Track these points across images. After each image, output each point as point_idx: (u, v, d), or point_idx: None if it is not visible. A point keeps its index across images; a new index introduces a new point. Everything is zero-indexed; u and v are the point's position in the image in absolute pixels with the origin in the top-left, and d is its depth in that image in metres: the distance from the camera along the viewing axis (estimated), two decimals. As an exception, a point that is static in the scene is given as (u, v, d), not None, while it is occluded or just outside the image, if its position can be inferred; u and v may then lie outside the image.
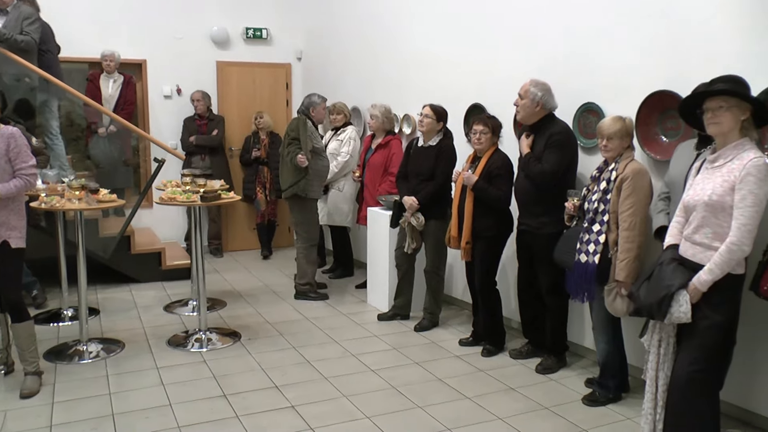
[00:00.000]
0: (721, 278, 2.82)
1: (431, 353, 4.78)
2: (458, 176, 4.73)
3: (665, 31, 3.97)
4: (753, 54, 3.49)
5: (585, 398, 3.99)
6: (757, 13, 3.48)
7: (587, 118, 4.53)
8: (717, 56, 3.64)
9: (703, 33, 3.75)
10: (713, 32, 3.70)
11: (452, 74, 5.84)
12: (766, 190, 2.78)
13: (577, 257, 3.81)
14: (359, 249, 6.99)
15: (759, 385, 3.61)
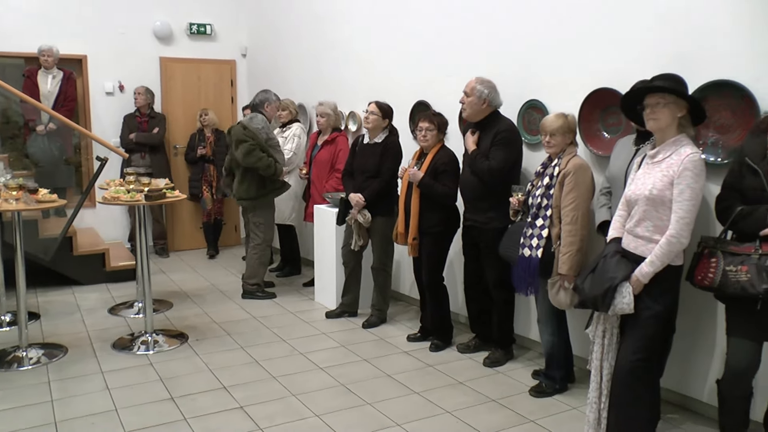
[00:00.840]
0: (662, 270, 2.93)
1: (379, 350, 4.82)
2: (404, 173, 4.77)
3: (606, 30, 4.08)
4: (689, 52, 3.63)
5: (532, 389, 4.08)
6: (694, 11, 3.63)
7: (531, 115, 4.62)
8: (657, 55, 3.77)
9: (644, 31, 3.87)
10: (652, 30, 3.83)
11: (398, 71, 5.88)
12: (702, 184, 2.90)
13: (521, 251, 3.89)
14: (307, 247, 6.98)
15: (695, 372, 3.76)
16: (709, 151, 3.57)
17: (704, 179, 2.93)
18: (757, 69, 3.34)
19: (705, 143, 3.57)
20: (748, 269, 2.85)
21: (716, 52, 3.52)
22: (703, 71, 3.52)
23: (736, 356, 3.02)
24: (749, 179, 2.95)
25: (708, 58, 3.54)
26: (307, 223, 6.56)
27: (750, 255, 2.87)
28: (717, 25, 3.52)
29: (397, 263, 5.73)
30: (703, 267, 3.02)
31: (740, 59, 3.42)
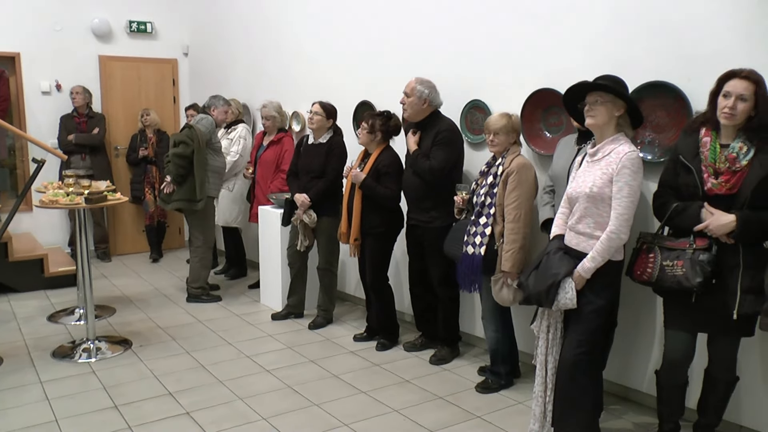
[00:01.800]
0: (603, 265, 3.00)
1: (326, 350, 4.81)
2: (348, 172, 4.78)
3: (548, 31, 4.16)
4: (625, 55, 3.73)
5: (478, 386, 4.12)
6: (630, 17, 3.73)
7: (474, 114, 4.68)
8: (596, 58, 3.87)
9: (584, 34, 3.96)
10: (592, 33, 3.92)
11: (342, 71, 5.87)
12: (639, 181, 2.99)
13: (465, 249, 3.93)
14: (252, 248, 6.91)
15: (636, 363, 3.87)
16: (646, 149, 3.67)
17: (642, 177, 3.02)
18: (689, 70, 3.46)
19: (642, 142, 3.68)
20: (683, 264, 2.94)
21: (650, 55, 3.63)
22: (639, 74, 3.62)
23: (673, 347, 3.13)
24: (683, 176, 3.04)
25: (643, 61, 3.65)
26: (251, 224, 6.50)
27: (685, 250, 2.97)
28: (651, 30, 3.63)
29: (342, 263, 5.73)
30: (641, 262, 3.11)
31: (672, 62, 3.54)
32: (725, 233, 2.88)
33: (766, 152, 2.85)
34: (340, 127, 5.27)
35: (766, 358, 3.20)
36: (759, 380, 3.35)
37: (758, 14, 3.22)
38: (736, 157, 2.89)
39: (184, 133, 5.66)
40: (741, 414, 3.46)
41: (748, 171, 2.88)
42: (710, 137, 2.98)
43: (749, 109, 2.86)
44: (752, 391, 3.38)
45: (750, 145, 2.88)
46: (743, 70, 2.88)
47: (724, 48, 3.32)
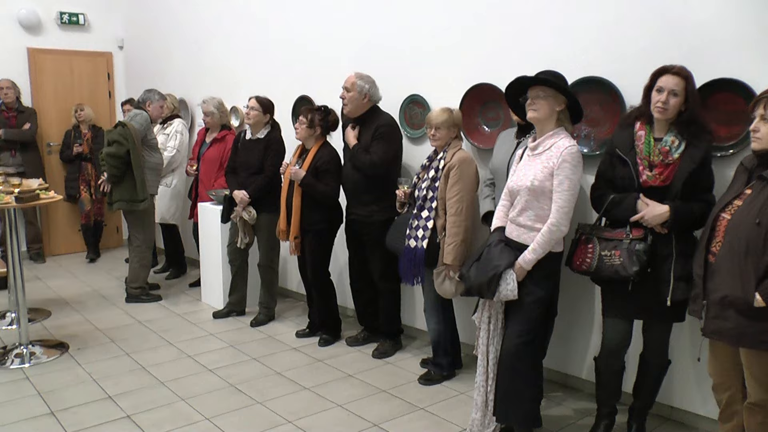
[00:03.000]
0: (543, 256, 3.06)
1: (269, 347, 4.77)
2: (286, 169, 4.73)
3: (484, 27, 4.21)
4: (562, 51, 3.82)
5: (421, 378, 4.16)
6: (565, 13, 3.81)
7: (413, 109, 4.71)
8: (533, 53, 3.94)
9: (519, 29, 4.02)
10: (528, 29, 3.98)
11: (279, 65, 5.82)
12: (579, 175, 3.05)
13: (407, 242, 3.95)
14: (192, 246, 6.78)
15: (575, 351, 3.98)
16: (582, 143, 3.76)
17: (581, 170, 3.09)
18: (622, 67, 3.55)
19: (578, 136, 3.77)
20: (620, 253, 3.03)
21: (585, 52, 3.72)
22: (574, 70, 3.71)
23: (611, 334, 3.23)
24: (619, 169, 3.13)
25: (578, 57, 3.74)
26: (191, 222, 6.38)
27: (622, 240, 3.05)
28: (585, 27, 3.72)
29: (283, 260, 5.68)
30: (581, 253, 3.18)
31: (607, 58, 3.63)
32: (659, 223, 2.98)
33: (695, 146, 2.97)
34: (279, 122, 5.22)
35: (695, 342, 3.32)
36: (688, 363, 3.49)
37: (685, 12, 3.33)
38: (669, 150, 2.99)
39: (117, 132, 5.49)
40: (672, 395, 3.61)
41: (680, 163, 2.99)
42: (645, 131, 3.07)
43: (680, 104, 2.97)
44: (682, 374, 3.53)
45: (681, 139, 2.99)
46: (674, 66, 2.98)
47: (654, 44, 3.42)
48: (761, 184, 2.63)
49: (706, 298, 2.74)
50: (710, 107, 3.23)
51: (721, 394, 2.97)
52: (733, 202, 2.71)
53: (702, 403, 3.50)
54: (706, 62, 3.23)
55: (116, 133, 5.48)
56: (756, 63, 3.12)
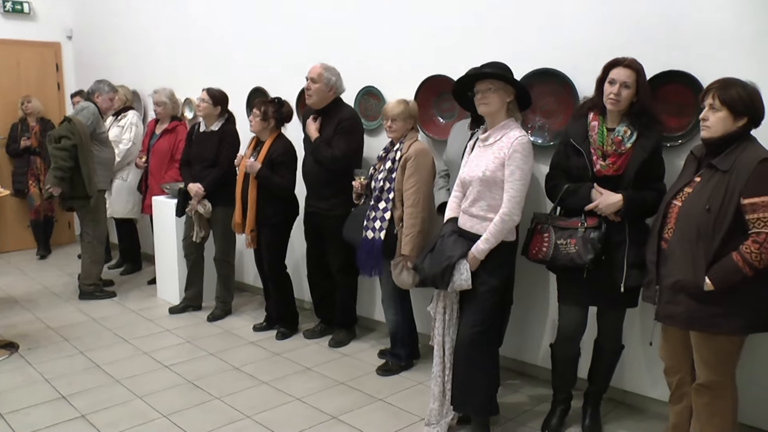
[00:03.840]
0: (496, 246, 3.08)
1: (226, 342, 4.72)
2: (240, 161, 4.69)
3: (437, 18, 4.22)
4: (515, 42, 3.85)
5: (379, 369, 4.17)
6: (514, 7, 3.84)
7: (368, 101, 4.71)
8: (485, 44, 3.97)
9: (470, 21, 4.05)
10: (480, 20, 4.01)
11: (236, 56, 5.76)
12: (530, 165, 3.09)
13: (365, 234, 3.95)
14: (146, 241, 6.68)
15: (530, 338, 4.04)
16: (537, 134, 3.80)
17: (532, 160, 3.12)
18: (575, 58, 3.60)
19: (532, 127, 3.81)
20: (576, 242, 3.08)
21: (539, 43, 3.76)
22: (527, 61, 3.74)
23: (566, 321, 3.28)
24: (574, 159, 3.18)
25: (533, 48, 3.77)
26: (145, 216, 6.27)
27: (577, 228, 3.10)
28: (538, 19, 3.76)
29: (239, 253, 5.63)
30: (536, 242, 3.22)
31: (561, 51, 3.67)
32: (613, 212, 3.04)
33: (646, 136, 3.04)
34: (233, 114, 5.16)
35: (647, 328, 3.39)
36: (640, 348, 3.56)
37: (636, 5, 3.39)
38: (622, 140, 3.04)
39: (64, 127, 5.34)
40: (625, 379, 3.69)
41: (632, 153, 3.05)
42: (598, 122, 3.12)
43: (632, 96, 3.03)
44: (634, 358, 3.61)
45: (633, 129, 3.05)
46: (626, 58, 3.04)
47: (606, 37, 3.48)
48: (710, 172, 2.70)
49: (659, 284, 2.81)
50: (660, 99, 3.30)
51: (672, 377, 3.06)
52: (683, 190, 2.79)
53: (653, 386, 3.58)
54: (656, 55, 3.29)
55: (63, 128, 5.34)
56: (704, 54, 3.19)
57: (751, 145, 2.66)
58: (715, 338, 2.72)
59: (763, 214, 2.55)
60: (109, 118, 6.28)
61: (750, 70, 2.94)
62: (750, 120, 2.66)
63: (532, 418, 3.57)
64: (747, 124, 2.66)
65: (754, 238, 2.56)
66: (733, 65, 2.99)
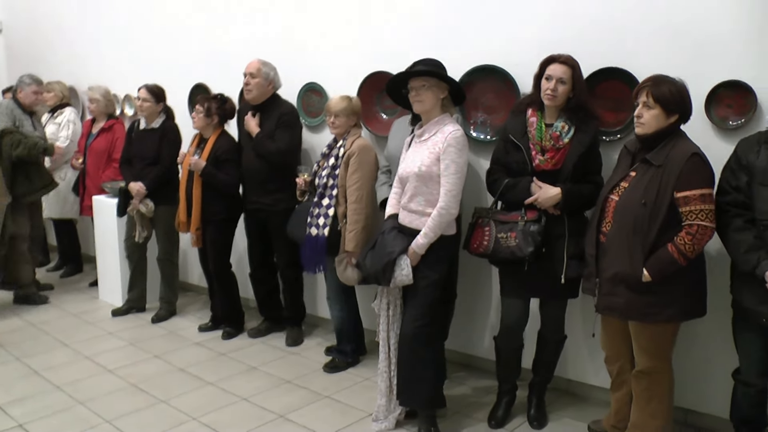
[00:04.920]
0: (436, 240, 3.11)
1: (171, 343, 4.65)
2: (184, 159, 4.62)
3: (381, 13, 4.24)
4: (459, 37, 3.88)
5: (325, 366, 4.16)
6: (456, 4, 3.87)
7: (310, 97, 4.69)
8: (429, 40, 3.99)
9: (416, 16, 4.08)
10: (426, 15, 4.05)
11: (174, 52, 5.65)
12: (465, 158, 3.13)
13: (308, 231, 3.93)
14: (85, 242, 6.51)
15: (475, 331, 4.09)
16: (479, 129, 3.85)
17: (467, 154, 3.17)
18: (517, 56, 3.65)
19: (475, 123, 3.85)
20: (516, 235, 3.13)
21: (481, 40, 3.80)
22: (470, 57, 3.79)
23: (509, 313, 3.33)
24: (513, 154, 3.22)
25: (475, 44, 3.82)
26: (84, 217, 6.11)
27: (517, 222, 3.15)
28: (480, 15, 3.81)
29: (183, 252, 5.53)
30: (477, 236, 3.26)
31: (502, 47, 3.73)
32: (552, 205, 3.10)
33: (583, 131, 3.11)
34: (173, 109, 5.08)
35: (588, 318, 3.48)
36: (581, 338, 3.65)
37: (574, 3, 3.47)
38: (560, 135, 3.11)
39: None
40: (568, 369, 3.78)
41: (570, 148, 3.12)
42: (536, 117, 3.18)
43: (568, 91, 3.09)
44: (576, 348, 3.69)
45: (571, 124, 3.12)
46: (561, 55, 3.10)
47: (545, 34, 3.55)
48: (644, 167, 2.79)
49: (599, 276, 2.89)
50: (598, 95, 3.39)
51: (612, 365, 3.16)
52: (620, 185, 2.87)
53: (595, 374, 3.68)
54: (594, 52, 3.36)
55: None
56: (640, 51, 3.29)
57: (681, 140, 2.76)
58: (653, 326, 2.82)
59: (694, 206, 2.65)
60: (45, 115, 6.09)
61: (683, 65, 3.06)
62: (681, 116, 2.76)
63: (478, 409, 3.62)
64: (678, 120, 2.76)
65: (687, 230, 2.66)
66: (668, 61, 3.10)
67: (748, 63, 3.02)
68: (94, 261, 5.99)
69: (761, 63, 2.99)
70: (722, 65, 3.08)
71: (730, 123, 3.10)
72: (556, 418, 3.54)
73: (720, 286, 2.93)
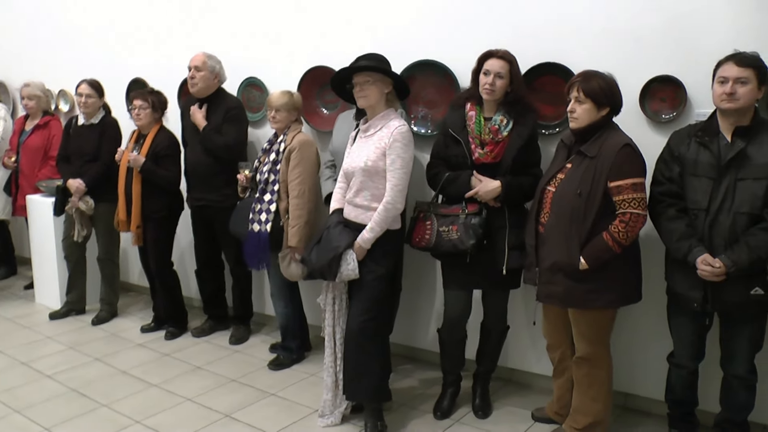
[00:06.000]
0: (381, 234, 3.13)
1: (112, 346, 4.55)
2: (122, 156, 4.52)
3: (322, 8, 4.23)
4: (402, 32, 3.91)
5: (270, 363, 4.15)
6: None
7: (250, 92, 4.66)
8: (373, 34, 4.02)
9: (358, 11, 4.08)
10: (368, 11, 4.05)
11: (109, 46, 5.52)
12: (411, 153, 3.15)
13: (251, 227, 3.90)
14: (22, 243, 6.31)
15: (420, 324, 4.13)
16: (420, 124, 3.89)
17: (413, 149, 3.18)
18: (456, 51, 3.69)
19: (416, 117, 3.88)
20: (458, 228, 3.16)
21: (423, 35, 3.84)
22: (412, 52, 3.82)
23: (452, 306, 3.37)
24: (453, 148, 3.26)
25: (416, 40, 3.85)
26: (17, 218, 5.91)
27: (458, 215, 3.19)
28: (419, 11, 3.86)
29: (124, 252, 5.41)
30: (419, 229, 3.29)
31: (444, 44, 3.77)
32: (493, 197, 3.14)
33: (522, 124, 3.17)
34: (110, 104, 4.98)
35: (529, 307, 3.55)
36: (524, 327, 3.72)
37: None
38: (498, 128, 3.15)
39: None
40: (511, 358, 3.85)
41: (509, 141, 3.16)
42: (475, 111, 3.22)
43: (506, 85, 3.14)
44: (519, 338, 3.77)
45: (509, 118, 3.17)
46: (499, 50, 3.15)
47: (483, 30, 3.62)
48: (579, 158, 2.86)
49: (538, 266, 2.95)
50: (537, 89, 3.47)
51: (554, 352, 3.24)
52: (556, 176, 2.94)
53: (537, 362, 3.76)
54: (533, 47, 3.44)
55: None
56: (579, 48, 3.38)
57: (613, 132, 2.85)
58: (591, 313, 2.90)
59: (627, 195, 2.74)
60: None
61: (618, 61, 3.17)
62: (612, 109, 2.84)
63: (424, 401, 3.65)
64: (609, 112, 2.84)
65: (621, 218, 2.75)
66: (603, 57, 3.20)
67: (680, 58, 3.14)
68: (29, 263, 5.80)
69: (691, 58, 3.10)
70: (655, 61, 3.19)
71: (663, 116, 3.22)
72: (501, 406, 3.60)
73: (655, 274, 3.04)
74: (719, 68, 2.70)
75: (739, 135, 2.69)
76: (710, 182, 2.72)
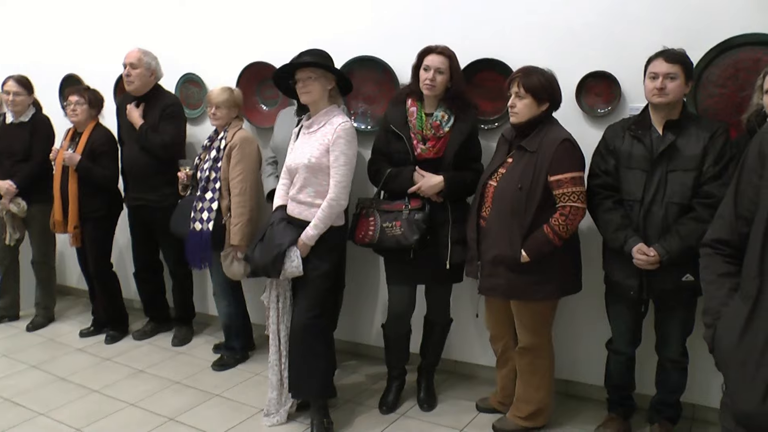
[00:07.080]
0: (325, 231, 3.13)
1: (50, 352, 4.42)
2: (57, 154, 4.39)
3: (261, 3, 4.20)
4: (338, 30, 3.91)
5: (214, 364, 4.10)
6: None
7: (188, 89, 4.60)
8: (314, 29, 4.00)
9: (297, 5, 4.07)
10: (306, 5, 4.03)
11: (43, 40, 5.35)
12: (354, 150, 3.16)
13: (192, 226, 3.85)
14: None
15: (363, 320, 4.16)
16: (360, 120, 3.90)
17: (356, 145, 3.19)
18: (395, 47, 3.72)
19: (356, 113, 3.89)
20: (401, 224, 3.18)
21: (360, 33, 3.86)
22: (352, 48, 3.83)
23: (396, 301, 3.39)
24: (395, 144, 3.28)
25: (355, 37, 3.86)
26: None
27: (401, 211, 3.21)
28: (360, 7, 3.88)
29: (60, 254, 5.27)
30: (362, 226, 3.30)
31: (381, 40, 3.79)
32: (435, 192, 3.18)
33: (463, 120, 3.21)
34: (42, 102, 4.82)
35: (473, 300, 3.59)
36: (467, 320, 3.75)
37: None
38: (440, 124, 3.19)
39: None
40: (455, 350, 3.91)
41: (450, 136, 3.20)
42: (416, 107, 3.24)
43: (446, 81, 3.17)
44: (463, 330, 3.82)
45: (450, 113, 3.21)
46: (438, 46, 3.18)
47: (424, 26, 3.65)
48: (520, 153, 2.92)
49: (480, 259, 3.00)
50: (477, 84, 3.52)
51: (497, 343, 3.31)
52: (498, 171, 2.99)
53: (482, 354, 3.82)
54: (472, 43, 3.49)
55: None
56: (517, 44, 3.44)
57: (553, 127, 2.92)
58: (533, 304, 2.98)
59: (567, 189, 2.81)
60: None
61: (555, 56, 3.23)
62: (551, 104, 2.91)
63: (369, 396, 3.67)
64: (549, 107, 2.91)
65: (561, 211, 2.82)
66: (540, 53, 3.25)
67: (614, 55, 3.23)
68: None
69: (624, 54, 3.19)
70: (590, 56, 3.28)
71: (598, 111, 3.31)
72: (445, 398, 3.65)
73: (593, 264, 3.13)
74: (650, 64, 2.80)
75: (670, 128, 2.79)
76: (644, 174, 2.81)
